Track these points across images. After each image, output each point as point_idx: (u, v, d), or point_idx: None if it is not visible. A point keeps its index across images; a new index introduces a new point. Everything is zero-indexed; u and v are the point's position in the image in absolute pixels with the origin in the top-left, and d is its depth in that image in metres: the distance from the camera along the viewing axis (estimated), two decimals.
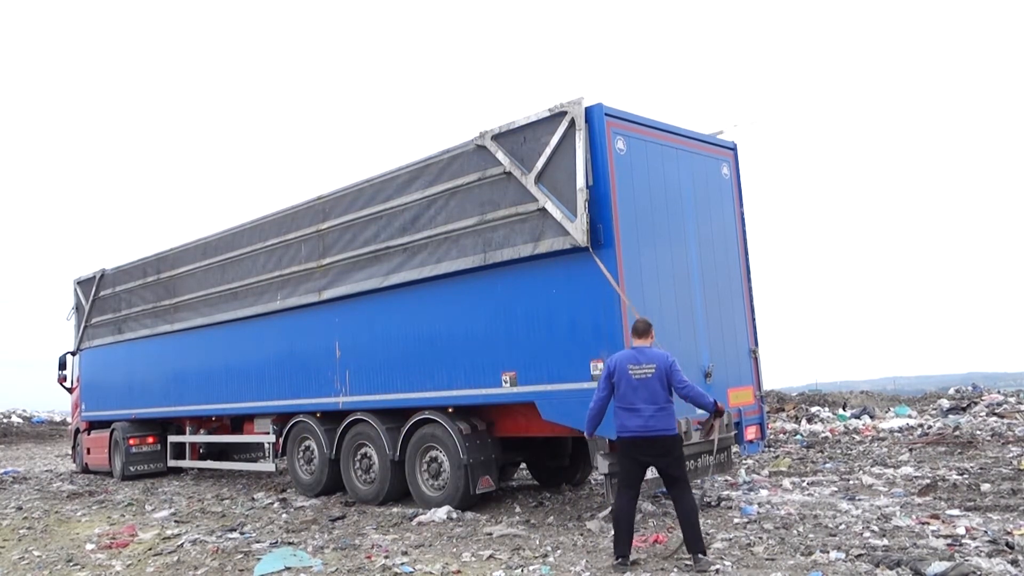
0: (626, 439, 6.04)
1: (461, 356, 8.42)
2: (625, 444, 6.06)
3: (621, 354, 6.20)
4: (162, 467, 14.04)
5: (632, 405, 5.98)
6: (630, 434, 6.00)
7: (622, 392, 6.03)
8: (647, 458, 6.05)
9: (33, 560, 7.63)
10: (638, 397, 5.97)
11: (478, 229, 8.06)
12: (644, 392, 5.98)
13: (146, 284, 13.36)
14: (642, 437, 5.96)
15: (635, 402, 5.98)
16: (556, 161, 7.42)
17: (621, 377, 6.03)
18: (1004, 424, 14.80)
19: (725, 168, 8.87)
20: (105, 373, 14.88)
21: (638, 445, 5.99)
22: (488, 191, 7.99)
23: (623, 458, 6.16)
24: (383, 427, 9.29)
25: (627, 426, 6.00)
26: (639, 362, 6.04)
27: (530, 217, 7.58)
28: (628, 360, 6.07)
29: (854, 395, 23.67)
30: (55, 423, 30.94)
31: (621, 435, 6.07)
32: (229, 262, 11.49)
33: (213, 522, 9.07)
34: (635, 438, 5.98)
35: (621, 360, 6.10)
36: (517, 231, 7.70)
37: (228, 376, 11.74)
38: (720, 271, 8.48)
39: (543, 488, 10.07)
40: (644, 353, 6.10)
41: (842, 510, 7.80)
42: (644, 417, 5.95)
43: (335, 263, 9.72)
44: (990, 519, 7.22)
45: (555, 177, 7.41)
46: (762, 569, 5.72)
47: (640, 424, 5.96)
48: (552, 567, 6.10)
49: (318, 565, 6.51)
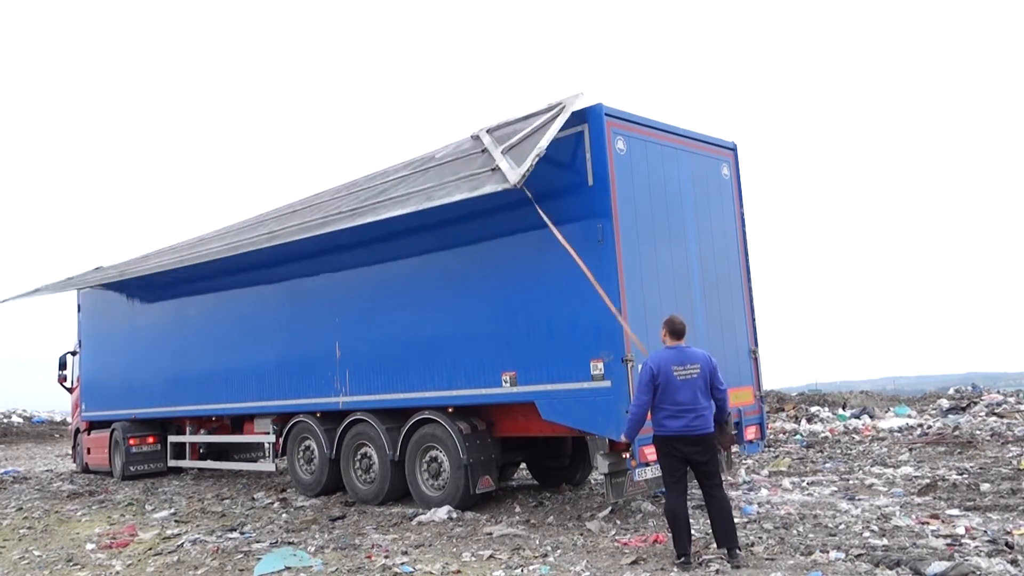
0: (667, 437, 6.00)
1: (461, 356, 8.42)
2: (665, 441, 6.02)
3: (662, 354, 6.09)
4: (162, 467, 14.03)
5: (676, 405, 5.93)
6: (672, 433, 5.97)
7: (666, 393, 5.95)
8: (686, 455, 6.01)
9: (33, 560, 7.63)
10: (682, 397, 5.93)
11: (433, 187, 7.99)
12: (688, 393, 5.94)
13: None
14: (685, 436, 5.95)
15: (679, 403, 5.93)
16: (530, 138, 7.32)
17: (665, 378, 5.96)
18: (1004, 424, 14.80)
19: (725, 168, 8.87)
20: (105, 369, 14.87)
21: (680, 441, 5.97)
22: (461, 164, 7.94)
23: (666, 456, 6.08)
24: (383, 427, 9.30)
25: (670, 426, 5.96)
26: (682, 362, 6.00)
27: (483, 175, 7.47)
28: (671, 361, 6.00)
29: (854, 395, 23.65)
30: (55, 423, 30.91)
31: (661, 434, 6.02)
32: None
33: (213, 522, 9.07)
34: (678, 436, 5.96)
35: (664, 361, 6.01)
36: (464, 185, 7.57)
37: (228, 376, 11.73)
38: (720, 271, 8.49)
39: (543, 488, 10.07)
40: (685, 353, 6.06)
41: (842, 510, 7.80)
42: (688, 418, 5.93)
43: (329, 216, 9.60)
44: (990, 519, 7.22)
45: (522, 148, 7.27)
46: (762, 569, 5.72)
47: (683, 425, 5.93)
48: (552, 567, 6.10)
49: (318, 565, 6.51)
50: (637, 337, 7.12)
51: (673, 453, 6.02)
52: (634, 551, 6.40)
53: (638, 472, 7.15)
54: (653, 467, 7.27)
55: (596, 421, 7.30)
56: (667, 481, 6.11)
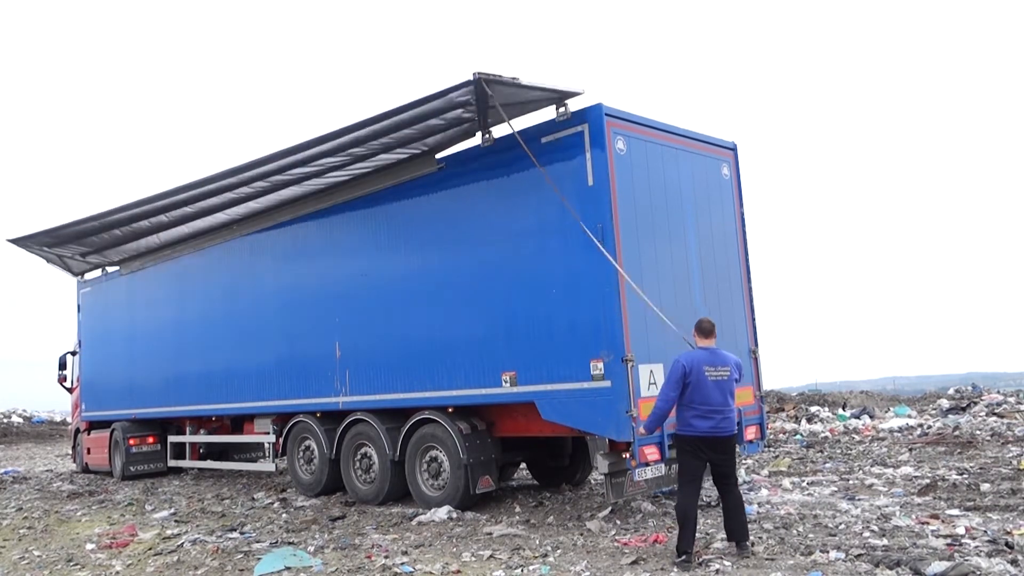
0: (694, 438, 6.03)
1: (461, 356, 8.42)
2: (690, 442, 6.06)
3: (694, 354, 6.13)
4: (162, 467, 14.03)
5: (706, 406, 5.98)
6: (700, 434, 6.00)
7: (696, 392, 5.99)
8: (708, 456, 6.08)
9: (33, 560, 7.63)
10: (713, 399, 5.98)
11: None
12: (719, 394, 6.00)
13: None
14: (712, 437, 6.00)
15: (710, 403, 5.97)
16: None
17: (697, 377, 5.98)
18: (1004, 424, 14.80)
19: (725, 168, 8.87)
20: (105, 369, 14.87)
21: (706, 443, 6.02)
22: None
23: (687, 456, 6.12)
24: (383, 427, 9.30)
25: (698, 427, 6.00)
26: (715, 364, 6.06)
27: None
28: (704, 361, 6.04)
29: (854, 395, 23.66)
30: (55, 423, 30.92)
31: (687, 434, 6.06)
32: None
33: (213, 522, 9.07)
34: (704, 437, 6.00)
35: (696, 361, 6.04)
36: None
37: (228, 376, 11.72)
38: (720, 271, 8.49)
39: (543, 488, 10.06)
40: (717, 355, 6.14)
41: (842, 510, 7.80)
42: (716, 419, 5.99)
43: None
44: (990, 519, 7.22)
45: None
46: (762, 569, 5.72)
47: (711, 426, 5.99)
48: (552, 567, 6.11)
49: (318, 565, 6.51)
50: (673, 327, 7.21)
51: (696, 454, 6.07)
52: (634, 551, 6.40)
53: (638, 472, 7.16)
54: (653, 467, 7.28)
55: (596, 421, 7.30)
56: (683, 479, 6.15)
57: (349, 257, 9.86)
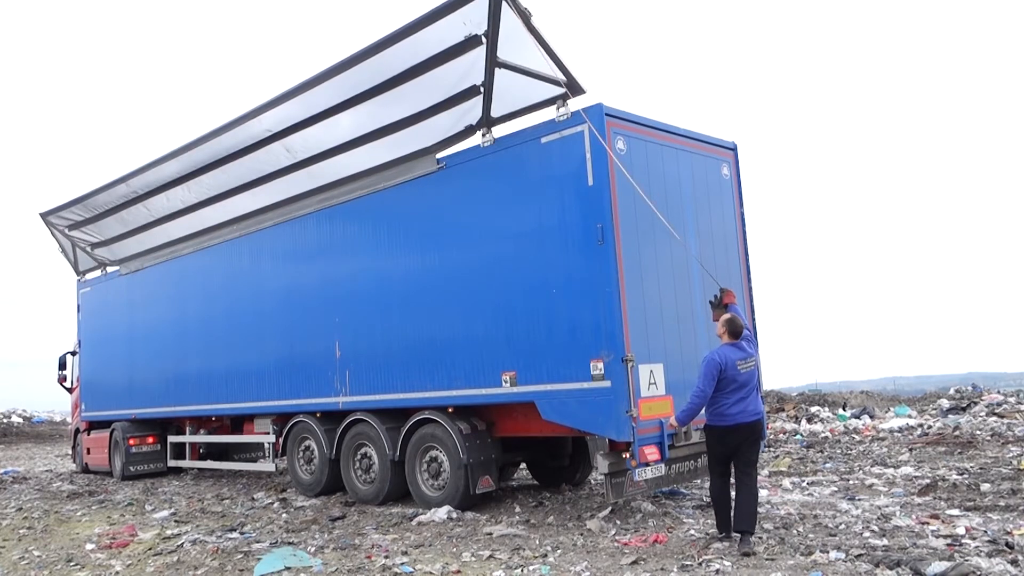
0: (726, 428, 6.43)
1: (461, 356, 8.42)
2: (722, 432, 6.46)
3: (725, 350, 6.47)
4: (162, 467, 14.03)
5: (739, 396, 6.40)
6: (733, 423, 6.40)
7: (729, 385, 6.38)
8: (737, 441, 6.44)
9: (33, 560, 7.63)
10: (743, 389, 6.41)
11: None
12: (748, 385, 6.46)
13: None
14: (743, 424, 6.40)
15: (742, 394, 6.41)
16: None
17: (731, 371, 6.36)
18: (1004, 424, 14.80)
19: (725, 168, 8.87)
20: (105, 369, 14.87)
21: (737, 431, 6.41)
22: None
23: (718, 445, 6.53)
24: (383, 427, 9.29)
25: (732, 416, 6.39)
26: (744, 357, 6.46)
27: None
28: (735, 356, 6.43)
29: (854, 395, 23.68)
30: (55, 423, 30.95)
31: (721, 424, 6.45)
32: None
33: (213, 522, 9.07)
34: (736, 426, 6.40)
35: (728, 355, 6.41)
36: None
37: (228, 376, 11.72)
38: (720, 271, 8.48)
39: (543, 488, 10.06)
40: (743, 348, 6.53)
41: (842, 510, 7.80)
42: (746, 404, 6.43)
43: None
44: (990, 519, 7.23)
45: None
46: (762, 569, 5.72)
47: (742, 410, 6.41)
48: (552, 567, 6.10)
49: (318, 565, 6.51)
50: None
51: (726, 443, 6.46)
52: (634, 551, 6.40)
53: (638, 472, 7.15)
54: (653, 467, 7.28)
55: (596, 421, 7.30)
56: (713, 469, 6.61)
57: (349, 257, 9.85)
